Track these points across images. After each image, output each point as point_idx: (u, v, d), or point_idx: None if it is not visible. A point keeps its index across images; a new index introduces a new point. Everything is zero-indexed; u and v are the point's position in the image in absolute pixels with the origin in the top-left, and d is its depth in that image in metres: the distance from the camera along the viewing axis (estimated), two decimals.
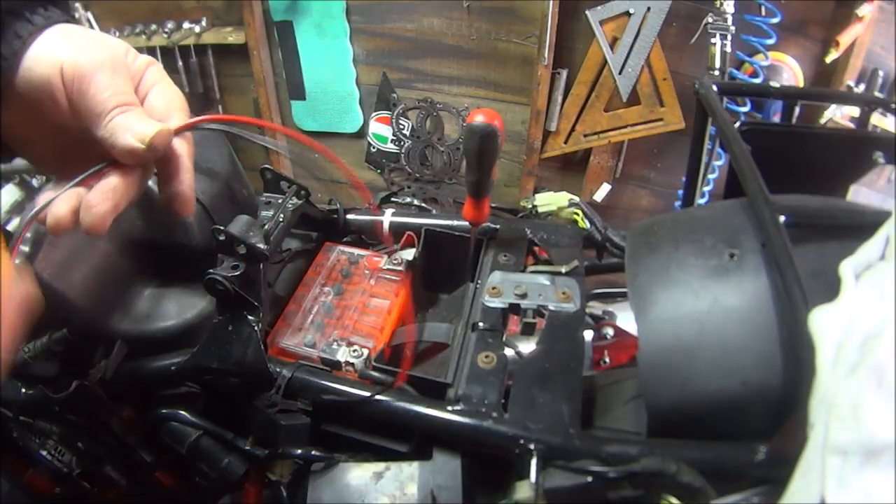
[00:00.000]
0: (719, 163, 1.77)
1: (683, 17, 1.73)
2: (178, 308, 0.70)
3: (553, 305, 0.61)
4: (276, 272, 0.71)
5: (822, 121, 1.71)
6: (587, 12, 1.73)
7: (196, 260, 0.64)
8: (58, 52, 0.43)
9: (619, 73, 1.79)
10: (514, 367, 0.55)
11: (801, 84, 1.77)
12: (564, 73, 1.88)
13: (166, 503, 0.79)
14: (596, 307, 1.04)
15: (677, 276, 0.49)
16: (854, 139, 0.70)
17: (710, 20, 1.59)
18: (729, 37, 1.59)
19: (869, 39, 1.67)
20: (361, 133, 2.24)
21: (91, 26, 2.07)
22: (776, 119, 1.41)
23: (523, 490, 0.48)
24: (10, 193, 0.71)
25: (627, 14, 1.71)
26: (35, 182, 0.72)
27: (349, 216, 0.81)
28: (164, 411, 0.67)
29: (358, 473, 0.53)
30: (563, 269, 0.65)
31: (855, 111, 1.37)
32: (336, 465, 0.54)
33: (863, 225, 0.44)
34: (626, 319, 0.97)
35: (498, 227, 0.74)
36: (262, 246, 0.60)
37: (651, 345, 0.48)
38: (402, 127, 2.17)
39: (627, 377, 0.61)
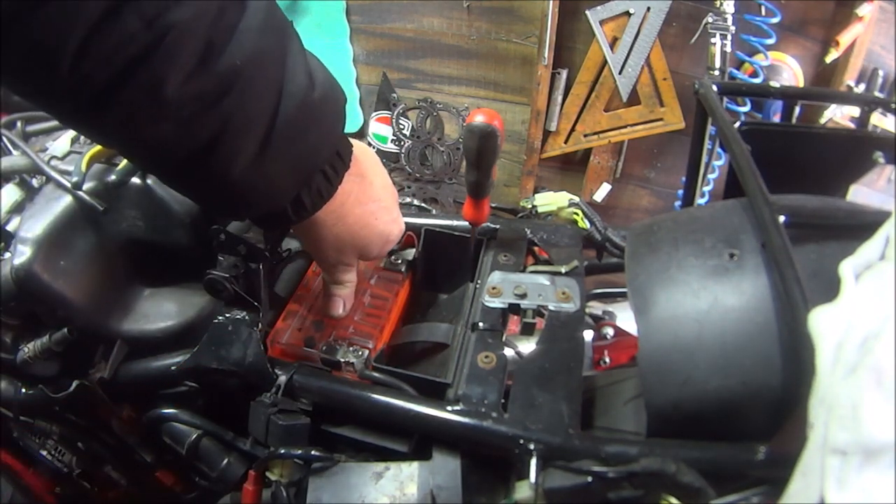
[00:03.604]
0: (719, 163, 1.77)
1: (683, 17, 1.72)
2: (178, 308, 0.70)
3: (553, 305, 0.61)
4: (276, 272, 0.71)
5: (822, 121, 1.71)
6: (587, 12, 1.73)
7: (196, 260, 0.64)
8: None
9: (619, 73, 1.78)
10: (514, 367, 0.55)
11: (801, 84, 1.77)
12: (564, 73, 1.88)
13: (166, 503, 0.79)
14: (596, 307, 1.04)
15: (677, 276, 0.49)
16: (854, 139, 0.70)
17: (710, 20, 1.59)
18: (729, 37, 1.59)
19: (869, 39, 1.66)
20: (361, 133, 2.24)
21: None
22: (776, 119, 1.41)
23: (523, 490, 0.48)
24: (10, 193, 0.71)
25: (627, 14, 1.71)
26: (35, 182, 0.72)
27: None
28: (164, 411, 0.67)
29: (358, 473, 0.53)
30: (563, 269, 0.65)
31: (855, 111, 1.37)
32: (336, 465, 0.54)
33: (863, 225, 0.44)
34: (626, 319, 0.97)
35: (498, 227, 0.74)
36: (261, 246, 0.60)
37: (651, 345, 0.48)
38: (402, 127, 2.17)
39: (627, 377, 0.61)
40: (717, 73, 1.62)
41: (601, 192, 2.07)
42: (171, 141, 0.40)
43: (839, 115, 1.70)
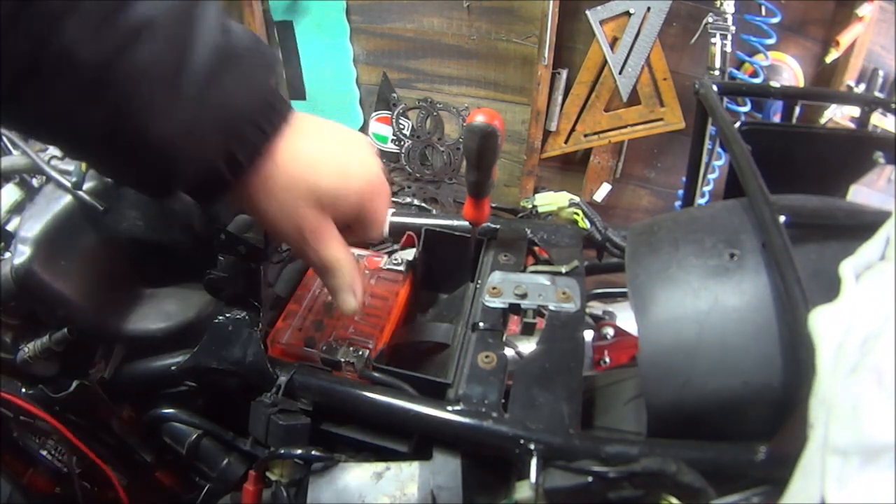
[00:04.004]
0: (719, 163, 1.77)
1: (683, 17, 1.73)
2: (178, 308, 0.70)
3: (553, 305, 0.61)
4: (276, 272, 0.71)
5: (822, 121, 1.71)
6: (587, 12, 1.73)
7: (196, 260, 0.64)
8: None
9: (620, 73, 1.79)
10: (514, 367, 0.55)
11: (801, 84, 1.77)
12: (564, 73, 1.88)
13: (166, 503, 0.79)
14: (596, 307, 1.04)
15: (677, 276, 0.49)
16: (854, 139, 0.70)
17: (711, 20, 1.59)
18: (729, 37, 1.59)
19: (869, 39, 1.67)
20: (362, 133, 2.24)
21: None
22: (776, 119, 1.41)
23: (523, 490, 0.48)
24: (10, 193, 0.71)
25: (627, 14, 1.71)
26: (35, 182, 0.72)
27: None
28: (164, 411, 0.67)
29: (358, 473, 0.53)
30: (563, 269, 0.65)
31: (855, 111, 1.37)
32: (336, 465, 0.54)
33: (863, 225, 0.44)
34: (626, 319, 0.97)
35: (498, 227, 0.74)
36: (262, 246, 0.60)
37: (651, 345, 0.48)
38: (402, 127, 2.17)
39: (627, 377, 0.61)
40: (717, 73, 1.62)
41: (601, 192, 2.07)
42: (86, 109, 0.39)
43: (839, 115, 1.70)
